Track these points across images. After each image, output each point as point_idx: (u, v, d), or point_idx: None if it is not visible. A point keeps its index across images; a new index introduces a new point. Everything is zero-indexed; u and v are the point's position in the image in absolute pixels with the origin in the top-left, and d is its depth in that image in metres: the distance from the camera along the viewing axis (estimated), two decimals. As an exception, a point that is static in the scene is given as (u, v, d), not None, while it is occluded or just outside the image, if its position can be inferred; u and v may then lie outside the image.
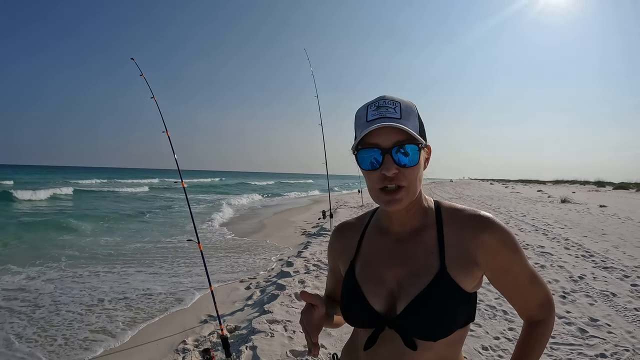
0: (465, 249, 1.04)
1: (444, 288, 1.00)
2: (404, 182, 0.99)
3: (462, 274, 1.02)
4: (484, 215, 1.06)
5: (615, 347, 3.83)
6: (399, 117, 0.99)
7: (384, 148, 0.98)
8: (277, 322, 4.44)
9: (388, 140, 0.98)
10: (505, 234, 1.03)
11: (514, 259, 1.04)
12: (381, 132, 0.98)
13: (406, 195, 1.01)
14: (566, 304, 4.96)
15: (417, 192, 1.04)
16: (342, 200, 23.84)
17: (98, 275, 7.12)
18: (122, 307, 5.56)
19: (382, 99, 1.02)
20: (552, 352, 3.74)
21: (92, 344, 4.45)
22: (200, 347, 4.18)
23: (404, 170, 0.99)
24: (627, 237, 9.55)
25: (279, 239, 11.10)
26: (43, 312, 5.32)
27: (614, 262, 7.05)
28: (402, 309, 1.02)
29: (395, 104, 1.01)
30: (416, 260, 1.06)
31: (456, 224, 1.07)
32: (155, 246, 9.95)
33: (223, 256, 8.70)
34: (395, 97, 1.03)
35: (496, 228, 1.03)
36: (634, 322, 4.41)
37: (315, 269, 6.87)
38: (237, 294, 6.04)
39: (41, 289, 6.30)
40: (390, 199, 1.00)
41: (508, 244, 1.03)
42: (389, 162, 0.98)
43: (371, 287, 1.09)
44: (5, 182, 39.77)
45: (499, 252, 1.02)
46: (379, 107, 1.01)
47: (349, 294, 1.13)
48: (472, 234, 1.04)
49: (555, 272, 6.43)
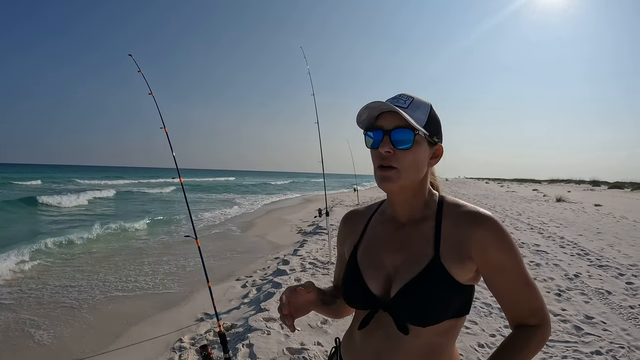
0: (460, 241, 1.07)
1: (436, 276, 1.05)
2: (395, 163, 1.07)
3: (455, 266, 1.05)
4: (482, 212, 1.09)
5: (610, 345, 3.85)
6: (406, 107, 1.09)
7: (385, 130, 1.08)
8: (274, 320, 4.44)
9: (390, 124, 1.08)
10: (501, 232, 1.06)
11: (508, 258, 1.06)
12: (387, 117, 1.09)
13: (396, 176, 1.08)
14: (562, 302, 4.98)
15: (410, 177, 1.10)
16: (338, 199, 23.85)
17: (91, 275, 7.10)
18: (117, 304, 5.56)
19: (400, 94, 1.14)
20: (547, 350, 3.75)
21: (86, 342, 4.44)
22: (196, 345, 4.17)
23: (397, 152, 1.07)
24: (622, 236, 9.61)
25: (275, 237, 11.09)
26: (36, 306, 5.31)
27: (609, 260, 7.08)
28: (395, 292, 1.08)
29: (408, 98, 1.12)
30: (413, 248, 1.12)
31: (454, 217, 1.12)
32: (154, 243, 9.93)
33: (219, 254, 8.71)
34: (413, 94, 1.13)
35: (492, 225, 1.06)
36: (629, 320, 4.43)
37: (311, 267, 6.86)
38: (233, 292, 6.04)
39: (36, 280, 6.28)
40: (382, 174, 1.09)
41: (503, 241, 1.05)
42: (386, 141, 1.08)
43: (370, 270, 1.16)
44: (32, 182, 38.34)
45: (492, 249, 1.05)
46: (393, 99, 1.12)
47: (349, 276, 1.21)
48: (468, 228, 1.07)
49: (551, 270, 6.46)
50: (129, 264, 7.80)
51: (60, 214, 16.64)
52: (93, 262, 7.93)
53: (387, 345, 1.09)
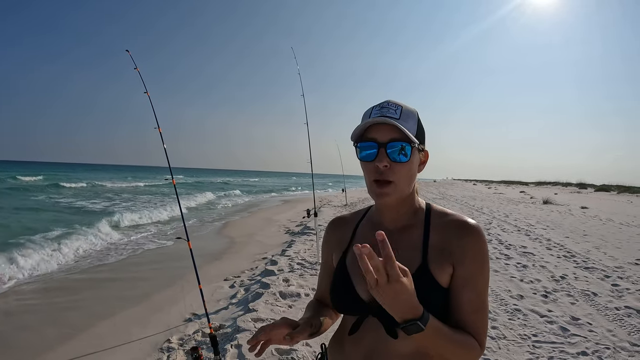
0: (445, 248, 1.10)
1: (423, 282, 1.05)
2: (392, 177, 1.08)
3: (439, 271, 1.08)
4: (470, 222, 1.12)
5: (596, 346, 3.89)
6: (398, 118, 1.09)
7: (380, 142, 1.07)
8: (262, 321, 4.42)
9: (385, 136, 1.07)
10: (482, 245, 1.10)
11: (479, 272, 1.09)
12: (380, 129, 1.08)
13: (394, 191, 1.09)
14: (548, 303, 5.02)
15: (406, 190, 1.13)
16: (326, 199, 23.85)
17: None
18: (103, 304, 5.50)
19: (387, 102, 1.13)
20: (534, 350, 3.79)
21: (73, 342, 4.39)
22: (185, 346, 4.14)
23: (394, 165, 1.08)
24: (608, 238, 9.71)
25: (263, 237, 11.05)
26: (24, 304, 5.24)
27: (595, 262, 7.16)
28: None
29: (397, 107, 1.11)
30: (401, 254, 1.11)
31: (442, 225, 1.15)
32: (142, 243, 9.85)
33: (207, 254, 8.62)
34: (399, 102, 1.14)
35: (477, 235, 1.10)
36: (615, 321, 4.48)
37: (299, 267, 6.85)
38: (221, 293, 6.01)
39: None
40: (380, 191, 1.09)
41: (481, 254, 1.09)
42: (382, 155, 1.07)
43: (359, 277, 1.15)
44: (79, 183, 35.80)
45: (469, 259, 1.08)
46: (382, 108, 1.11)
47: (338, 282, 1.21)
48: (454, 236, 1.11)
49: (538, 271, 6.51)
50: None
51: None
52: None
53: (376, 350, 1.10)
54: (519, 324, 4.39)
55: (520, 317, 4.57)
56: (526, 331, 4.20)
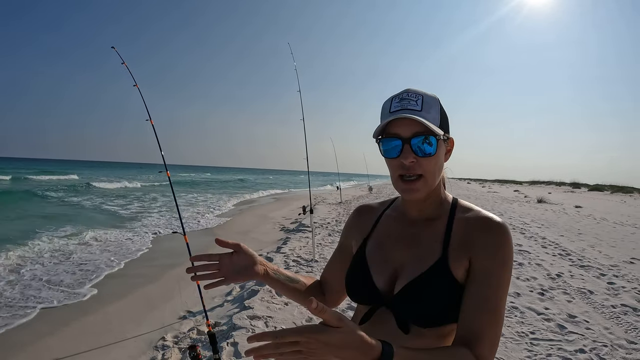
0: (466, 242, 1.05)
1: (440, 275, 1.02)
2: (420, 171, 1.04)
3: (457, 265, 1.04)
4: (495, 218, 1.07)
5: (593, 343, 3.89)
6: (420, 110, 1.03)
7: (403, 138, 1.03)
8: (258, 318, 4.39)
9: (408, 130, 1.02)
10: (506, 242, 1.02)
11: (498, 270, 1.00)
12: (402, 123, 1.03)
13: (424, 185, 1.06)
14: (545, 301, 5.02)
15: (435, 182, 1.09)
16: (321, 197, 23.82)
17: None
18: (97, 300, 5.45)
19: (406, 92, 1.07)
20: (532, 348, 3.77)
21: (67, 340, 4.34)
22: (180, 344, 4.10)
23: (421, 160, 1.03)
24: (603, 237, 9.77)
25: (258, 234, 11.00)
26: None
27: (591, 260, 7.18)
28: (399, 289, 1.06)
29: (417, 96, 1.05)
30: (422, 245, 1.10)
31: (466, 219, 1.10)
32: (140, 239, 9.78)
33: (201, 250, 8.51)
34: (419, 90, 1.07)
35: (501, 231, 1.03)
36: (611, 319, 4.49)
37: (295, 264, 6.82)
38: (216, 290, 5.94)
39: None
40: (408, 187, 1.06)
41: (502, 251, 1.01)
42: (407, 151, 1.02)
43: (377, 265, 1.14)
44: (102, 184, 33.20)
45: (488, 255, 1.01)
46: (402, 100, 1.06)
47: (355, 269, 1.19)
48: (477, 230, 1.06)
49: (534, 270, 6.52)
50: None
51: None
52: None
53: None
54: (516, 321, 4.38)
55: (518, 314, 4.56)
56: (524, 329, 4.19)
